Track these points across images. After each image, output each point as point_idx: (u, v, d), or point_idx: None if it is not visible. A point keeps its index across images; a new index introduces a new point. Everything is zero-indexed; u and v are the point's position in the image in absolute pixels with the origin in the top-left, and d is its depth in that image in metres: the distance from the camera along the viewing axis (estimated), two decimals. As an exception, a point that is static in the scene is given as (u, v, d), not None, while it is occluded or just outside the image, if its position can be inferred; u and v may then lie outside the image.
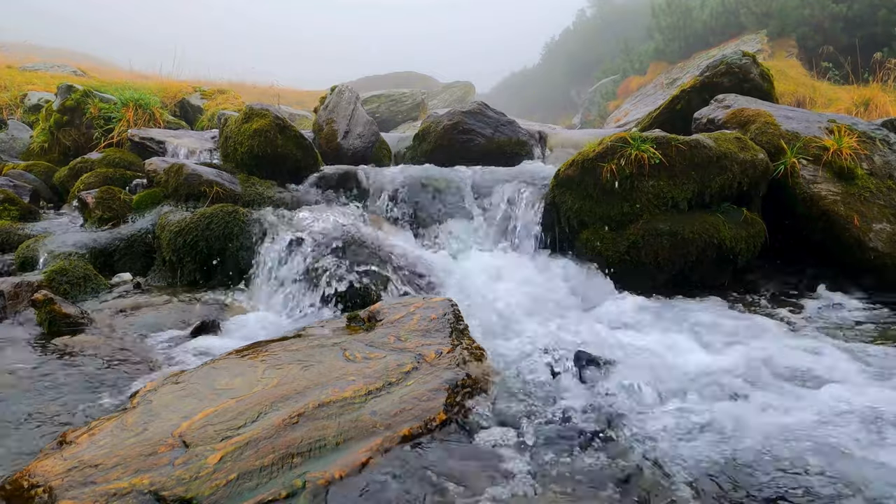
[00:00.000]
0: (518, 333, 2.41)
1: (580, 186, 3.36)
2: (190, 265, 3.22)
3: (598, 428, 1.60)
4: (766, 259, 3.44)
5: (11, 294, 2.70)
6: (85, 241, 3.43)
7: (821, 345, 2.31)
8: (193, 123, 8.55)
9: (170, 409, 1.55)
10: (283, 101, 12.44)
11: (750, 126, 3.79)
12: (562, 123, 18.22)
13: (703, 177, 3.24)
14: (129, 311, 2.69)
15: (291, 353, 1.90)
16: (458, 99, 20.01)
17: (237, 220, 3.21)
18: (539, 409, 1.72)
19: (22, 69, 11.12)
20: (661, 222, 3.17)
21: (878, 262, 3.17)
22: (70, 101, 6.55)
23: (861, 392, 1.80)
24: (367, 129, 5.36)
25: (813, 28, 13.44)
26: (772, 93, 4.68)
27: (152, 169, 4.05)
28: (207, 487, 1.22)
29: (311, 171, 4.26)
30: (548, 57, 32.30)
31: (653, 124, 4.88)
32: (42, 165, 5.87)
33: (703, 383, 1.91)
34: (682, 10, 17.25)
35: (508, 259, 3.39)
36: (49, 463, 1.32)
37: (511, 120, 5.31)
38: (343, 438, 1.41)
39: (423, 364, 1.79)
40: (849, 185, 3.40)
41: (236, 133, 4.23)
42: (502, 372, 1.93)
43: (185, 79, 11.17)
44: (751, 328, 2.54)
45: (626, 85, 18.39)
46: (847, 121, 3.96)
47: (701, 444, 1.53)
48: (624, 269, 3.20)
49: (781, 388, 1.89)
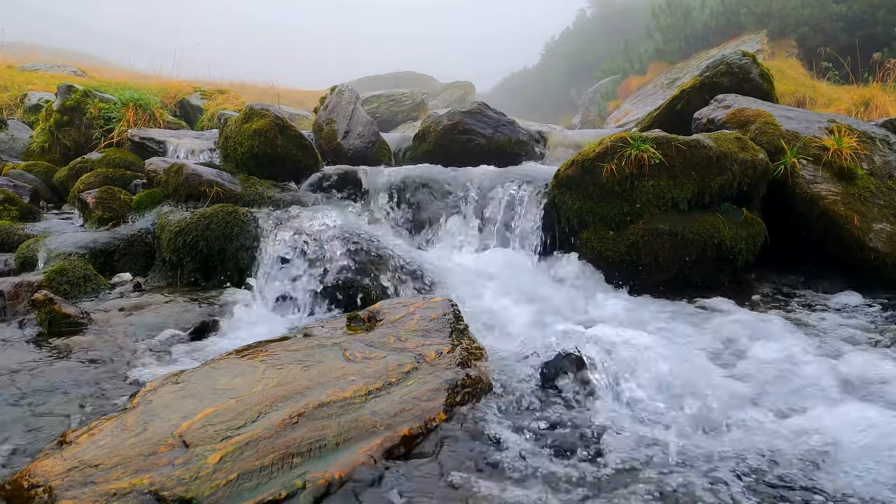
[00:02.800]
0: (518, 334, 2.41)
1: (580, 186, 3.36)
2: (190, 265, 3.22)
3: (597, 429, 1.60)
4: (766, 259, 3.44)
5: (11, 294, 2.71)
6: (85, 241, 3.43)
7: (821, 345, 2.31)
8: (193, 123, 8.56)
9: (170, 409, 1.55)
10: (283, 101, 12.44)
11: (750, 126, 3.79)
12: (562, 123, 18.21)
13: (703, 177, 3.24)
14: (130, 311, 2.69)
15: (291, 353, 1.90)
16: (458, 99, 20.01)
17: (237, 220, 3.21)
18: (539, 410, 1.72)
19: (22, 69, 11.13)
20: (661, 222, 3.17)
21: (878, 262, 3.17)
22: (70, 101, 6.55)
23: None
24: (367, 129, 5.36)
25: (813, 28, 13.44)
26: (772, 93, 4.68)
27: (152, 169, 4.05)
28: (207, 487, 1.22)
29: (311, 171, 4.26)
30: (548, 57, 32.28)
31: (653, 124, 4.88)
32: (42, 165, 5.88)
33: (703, 383, 1.91)
34: (682, 11, 17.23)
35: (508, 259, 3.39)
36: (49, 463, 1.32)
37: (511, 120, 5.31)
38: (343, 438, 1.41)
39: (423, 364, 1.79)
40: (849, 185, 3.40)
41: (236, 133, 4.23)
42: (502, 372, 1.93)
43: (185, 79, 11.18)
44: (751, 328, 2.54)
45: (626, 85, 18.38)
46: (847, 121, 3.96)
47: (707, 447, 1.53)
48: (624, 270, 3.20)
49: (791, 393, 1.89)
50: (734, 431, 1.62)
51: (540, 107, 26.75)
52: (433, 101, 18.23)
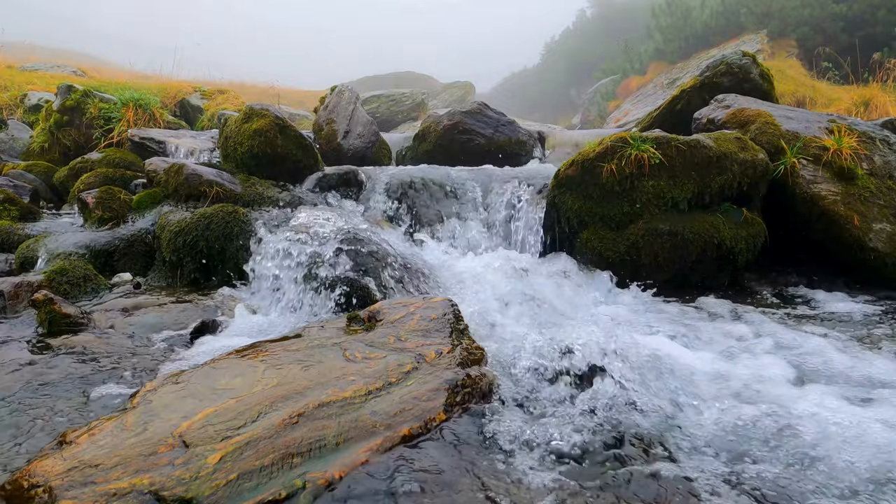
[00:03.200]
0: (517, 334, 2.41)
1: (580, 186, 3.36)
2: (190, 265, 3.22)
3: (596, 429, 1.60)
4: (766, 259, 3.44)
5: (12, 294, 2.71)
6: (85, 241, 3.43)
7: (821, 346, 2.31)
8: (193, 123, 8.56)
9: (170, 409, 1.55)
10: (283, 101, 12.45)
11: (750, 126, 3.79)
12: (562, 123, 18.22)
13: (703, 177, 3.24)
14: (130, 310, 2.69)
15: (291, 353, 1.90)
16: (458, 99, 20.03)
17: (237, 220, 3.21)
18: (538, 410, 1.72)
19: (22, 69, 11.13)
20: (662, 222, 3.17)
21: (878, 262, 3.17)
22: (70, 101, 6.55)
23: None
24: (367, 130, 5.36)
25: (813, 28, 13.44)
26: (772, 93, 4.68)
27: (152, 169, 4.05)
28: (207, 487, 1.22)
29: (311, 171, 4.26)
30: (548, 57, 32.29)
31: (653, 124, 4.88)
32: (42, 165, 5.88)
33: (704, 385, 1.91)
34: (682, 11, 17.24)
35: (508, 259, 3.39)
36: (49, 463, 1.32)
37: (511, 120, 5.31)
38: (343, 438, 1.41)
39: (423, 364, 1.79)
40: (849, 185, 3.40)
41: (236, 133, 4.23)
42: (502, 372, 1.93)
43: (185, 79, 11.19)
44: (752, 328, 2.54)
45: (626, 85, 18.39)
46: (847, 121, 3.96)
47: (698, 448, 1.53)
48: (624, 270, 3.20)
49: (782, 390, 1.90)
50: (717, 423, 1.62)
51: (540, 107, 26.76)
52: (433, 101, 18.24)
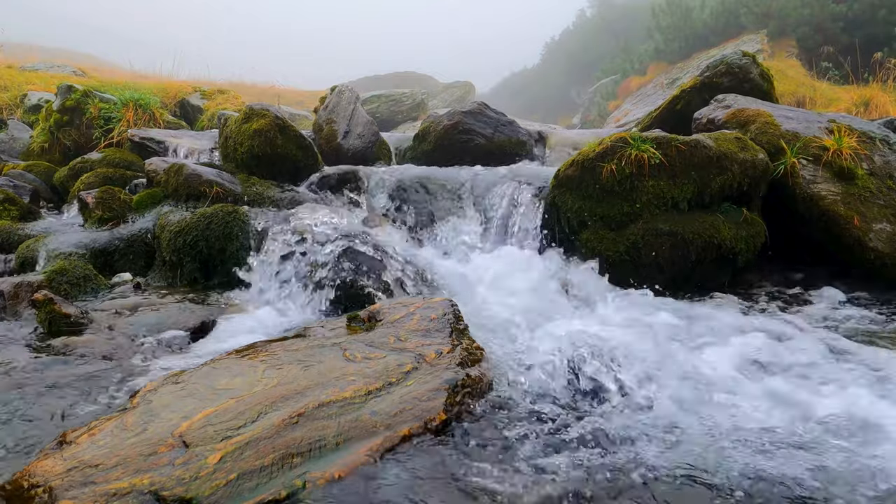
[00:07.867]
0: (517, 334, 2.41)
1: (580, 186, 3.36)
2: (190, 265, 3.22)
3: (595, 429, 1.60)
4: (766, 259, 3.44)
5: (11, 294, 2.71)
6: (85, 241, 3.43)
7: (822, 345, 2.31)
8: (193, 123, 8.56)
9: (170, 409, 1.55)
10: (283, 101, 12.44)
11: (750, 126, 3.79)
12: (562, 123, 18.22)
13: (703, 177, 3.24)
14: (129, 311, 2.69)
15: (291, 353, 1.90)
16: (458, 99, 20.03)
17: (237, 220, 3.21)
18: (538, 410, 1.72)
19: (22, 69, 11.12)
20: (662, 222, 3.17)
21: (878, 262, 3.17)
22: (70, 101, 6.55)
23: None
24: (367, 129, 5.36)
25: (813, 28, 13.43)
26: (772, 93, 4.68)
27: (152, 169, 4.05)
28: (207, 487, 1.22)
29: (311, 171, 4.26)
30: (548, 57, 32.28)
31: (653, 124, 4.88)
32: (42, 165, 5.88)
33: (705, 385, 1.91)
34: (682, 10, 17.23)
35: (508, 259, 3.39)
36: (49, 463, 1.32)
37: (511, 120, 5.31)
38: (343, 438, 1.41)
39: (423, 364, 1.79)
40: (849, 185, 3.40)
41: (236, 133, 4.23)
42: (502, 372, 1.93)
43: (184, 79, 11.18)
44: (752, 328, 2.54)
45: (626, 85, 18.38)
46: (847, 121, 3.95)
47: (688, 450, 1.53)
48: (624, 270, 3.20)
49: (774, 390, 1.90)
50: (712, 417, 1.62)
51: (540, 107, 26.75)
52: (433, 101, 18.23)
